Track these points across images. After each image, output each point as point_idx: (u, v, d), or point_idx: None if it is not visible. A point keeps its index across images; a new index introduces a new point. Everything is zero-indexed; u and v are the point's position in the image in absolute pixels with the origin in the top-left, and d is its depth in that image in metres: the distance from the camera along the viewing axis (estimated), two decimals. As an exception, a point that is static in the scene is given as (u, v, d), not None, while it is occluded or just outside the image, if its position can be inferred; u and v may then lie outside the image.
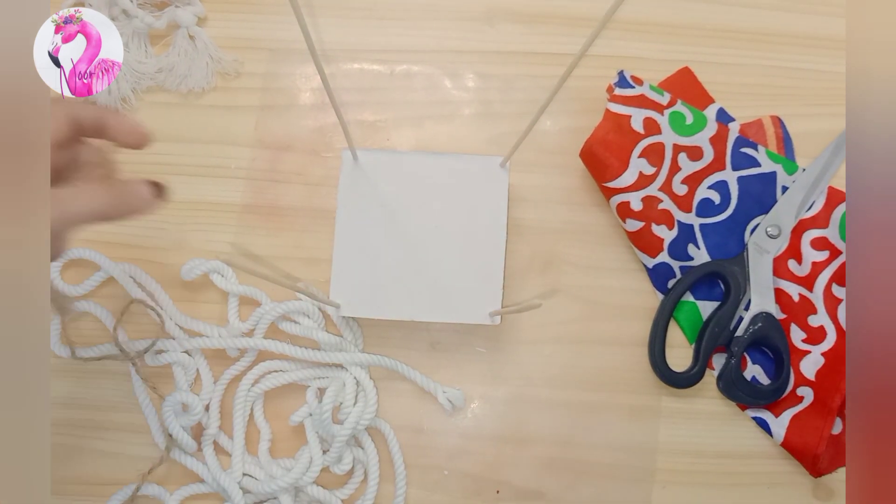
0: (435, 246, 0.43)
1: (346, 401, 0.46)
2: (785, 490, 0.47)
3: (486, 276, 0.43)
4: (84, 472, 0.47)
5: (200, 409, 0.46)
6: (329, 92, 0.34)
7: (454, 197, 0.44)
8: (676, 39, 0.51)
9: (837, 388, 0.45)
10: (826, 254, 0.48)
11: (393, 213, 0.43)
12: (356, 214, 0.43)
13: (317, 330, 0.46)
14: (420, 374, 0.47)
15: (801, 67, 0.51)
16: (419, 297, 0.43)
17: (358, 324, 0.48)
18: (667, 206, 0.48)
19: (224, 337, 0.46)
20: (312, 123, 0.50)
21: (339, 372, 0.47)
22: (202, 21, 0.51)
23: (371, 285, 0.43)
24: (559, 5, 0.51)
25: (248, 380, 0.47)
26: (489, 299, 0.43)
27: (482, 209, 0.44)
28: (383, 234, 0.43)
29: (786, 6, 0.52)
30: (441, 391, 0.47)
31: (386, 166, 0.44)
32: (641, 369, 0.48)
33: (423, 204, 0.44)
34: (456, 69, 0.51)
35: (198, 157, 0.50)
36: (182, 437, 0.45)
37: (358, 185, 0.43)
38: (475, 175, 0.44)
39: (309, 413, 0.46)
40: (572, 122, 0.50)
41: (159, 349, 0.46)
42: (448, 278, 0.43)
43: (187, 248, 0.48)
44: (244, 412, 0.47)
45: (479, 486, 0.47)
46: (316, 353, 0.46)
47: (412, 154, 0.45)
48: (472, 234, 0.43)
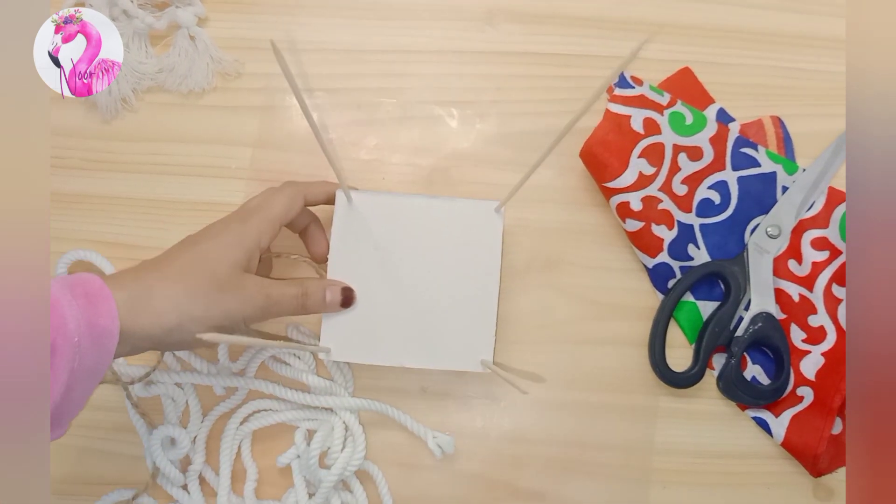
0: (428, 291, 0.43)
1: (334, 446, 0.45)
2: (785, 490, 0.47)
3: (478, 324, 0.42)
4: (84, 472, 0.47)
5: (188, 444, 0.45)
6: (322, 144, 0.34)
7: (448, 241, 0.43)
8: (676, 39, 0.51)
9: (837, 388, 0.45)
10: (826, 254, 0.48)
11: (386, 256, 0.43)
12: (349, 257, 0.43)
13: (307, 373, 0.46)
14: (410, 419, 0.47)
15: (801, 67, 0.51)
16: (411, 342, 0.42)
17: (349, 366, 0.47)
18: (667, 206, 0.48)
19: (214, 374, 0.46)
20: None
21: (329, 415, 0.46)
22: (203, 21, 0.51)
23: (362, 329, 0.42)
24: (559, 5, 0.51)
25: (237, 418, 0.46)
26: (481, 347, 0.42)
27: (476, 254, 0.43)
28: (376, 277, 0.43)
29: (786, 6, 0.52)
30: (431, 436, 0.46)
31: (380, 208, 0.43)
32: (641, 369, 0.48)
33: (417, 248, 0.43)
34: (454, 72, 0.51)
35: (198, 157, 0.50)
36: (169, 469, 0.45)
37: (351, 227, 0.43)
38: (470, 219, 0.43)
39: (297, 455, 0.46)
40: (572, 122, 0.50)
41: (150, 380, 0.46)
42: (440, 324, 0.42)
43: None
44: (231, 450, 0.46)
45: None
46: (305, 395, 0.46)
47: (407, 197, 0.44)
48: (466, 279, 0.43)
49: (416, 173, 0.50)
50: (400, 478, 0.47)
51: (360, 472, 0.47)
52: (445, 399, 0.48)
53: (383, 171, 0.50)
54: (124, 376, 0.46)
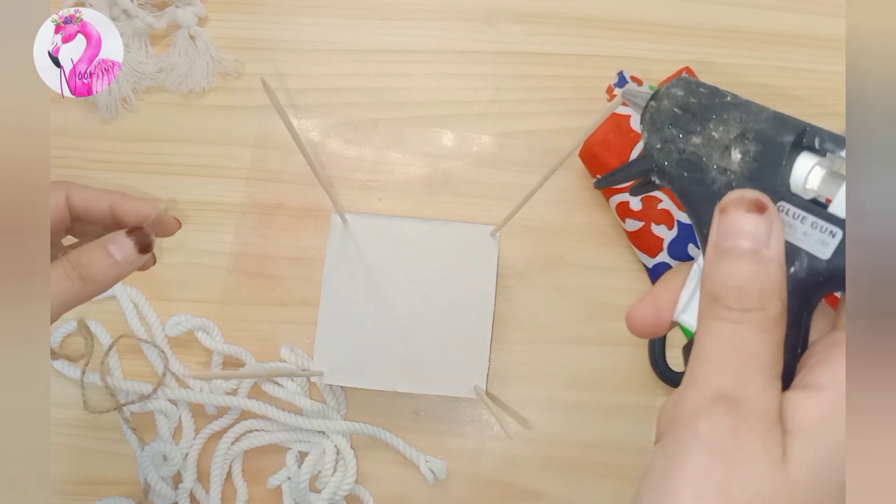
0: (421, 316, 0.42)
1: (325, 469, 0.45)
2: (785, 490, 0.47)
3: (471, 349, 0.42)
4: (84, 472, 0.47)
5: (179, 460, 0.45)
6: (315, 171, 0.34)
7: (443, 265, 0.43)
8: (676, 39, 0.51)
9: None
10: (826, 254, 0.47)
11: (380, 279, 0.43)
12: (343, 279, 0.43)
13: (300, 395, 0.46)
14: (403, 443, 0.46)
15: (801, 67, 0.51)
16: (403, 367, 0.42)
17: (342, 389, 0.47)
18: (666, 206, 0.48)
19: (207, 392, 0.46)
20: (313, 123, 0.50)
21: (321, 438, 0.46)
22: (203, 21, 0.51)
23: (355, 353, 0.42)
24: (559, 5, 0.51)
25: (229, 437, 0.46)
26: (474, 372, 0.42)
27: (471, 279, 0.43)
28: (370, 301, 0.42)
29: (786, 6, 0.52)
30: (423, 461, 0.46)
31: (374, 231, 0.43)
32: (641, 369, 0.48)
33: (411, 271, 0.43)
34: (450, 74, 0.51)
35: (198, 157, 0.50)
36: (160, 486, 0.45)
37: (346, 250, 0.43)
38: (465, 243, 0.43)
39: (287, 477, 0.46)
40: (572, 122, 0.50)
41: (143, 395, 0.46)
42: (433, 349, 0.42)
43: (187, 249, 0.48)
44: (222, 470, 0.46)
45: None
46: (298, 418, 0.46)
47: (402, 220, 0.43)
48: (460, 304, 0.43)
49: (414, 174, 0.50)
50: (391, 503, 0.47)
51: (351, 497, 0.47)
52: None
53: (382, 171, 0.50)
54: (121, 394, 0.46)
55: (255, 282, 0.48)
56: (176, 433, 0.47)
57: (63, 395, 0.47)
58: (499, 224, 0.42)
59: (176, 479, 0.46)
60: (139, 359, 0.47)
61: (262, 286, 0.48)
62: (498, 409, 0.36)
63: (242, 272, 0.48)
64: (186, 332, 0.47)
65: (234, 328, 0.48)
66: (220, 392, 0.47)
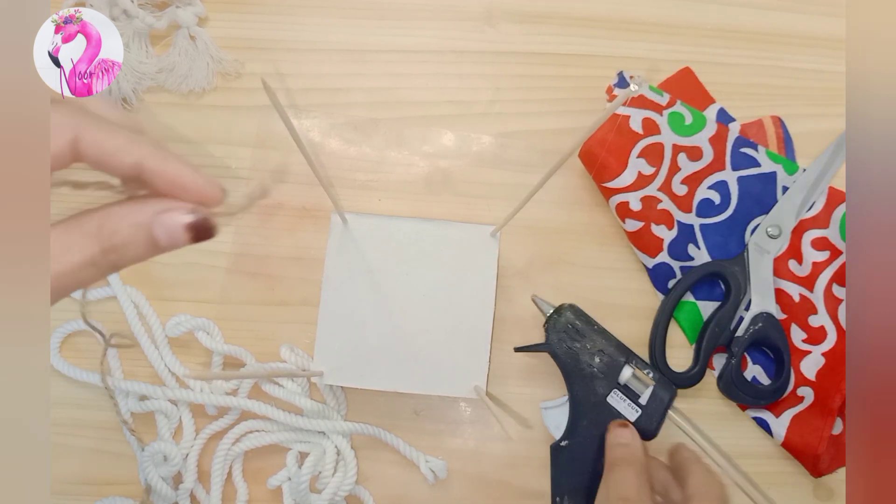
0: (422, 316, 0.42)
1: (325, 470, 0.45)
2: (785, 490, 0.47)
3: (472, 349, 0.42)
4: (84, 472, 0.47)
5: (180, 460, 0.45)
6: (315, 171, 0.34)
7: (443, 265, 0.43)
8: (676, 39, 0.51)
9: (838, 388, 0.45)
10: (826, 254, 0.48)
11: (381, 280, 0.42)
12: (343, 280, 0.42)
13: (300, 396, 0.46)
14: (403, 443, 0.46)
15: (801, 67, 0.51)
16: (404, 367, 0.42)
17: (342, 389, 0.47)
18: (666, 206, 0.48)
19: (208, 393, 0.46)
20: (313, 123, 0.50)
21: (321, 438, 0.46)
22: (203, 21, 0.51)
23: (355, 353, 0.42)
24: (559, 5, 0.51)
25: (230, 438, 0.46)
26: (475, 372, 0.42)
27: (471, 279, 0.43)
28: (370, 301, 0.42)
29: (786, 6, 0.52)
30: (424, 461, 0.46)
31: (375, 231, 0.43)
32: (641, 369, 0.48)
33: (411, 271, 0.43)
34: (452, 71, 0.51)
35: (198, 157, 0.50)
36: (161, 486, 0.45)
37: (346, 250, 0.42)
38: (465, 243, 0.43)
39: (288, 477, 0.46)
40: (572, 122, 0.50)
41: (143, 395, 0.46)
42: (434, 349, 0.42)
43: (187, 248, 0.48)
44: (223, 470, 0.46)
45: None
46: (298, 418, 0.46)
47: (402, 220, 0.43)
48: (460, 304, 0.42)
49: (414, 174, 0.50)
50: (392, 503, 0.47)
51: (352, 497, 0.47)
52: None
53: (382, 171, 0.50)
54: (119, 392, 0.46)
55: (255, 282, 0.48)
56: (176, 433, 0.47)
57: (63, 395, 0.47)
58: (499, 224, 0.42)
59: (176, 480, 0.46)
60: (139, 359, 0.47)
61: (262, 286, 0.48)
62: (498, 409, 0.36)
63: (242, 272, 0.48)
64: (186, 333, 0.47)
65: (234, 328, 0.48)
66: (221, 392, 0.47)
